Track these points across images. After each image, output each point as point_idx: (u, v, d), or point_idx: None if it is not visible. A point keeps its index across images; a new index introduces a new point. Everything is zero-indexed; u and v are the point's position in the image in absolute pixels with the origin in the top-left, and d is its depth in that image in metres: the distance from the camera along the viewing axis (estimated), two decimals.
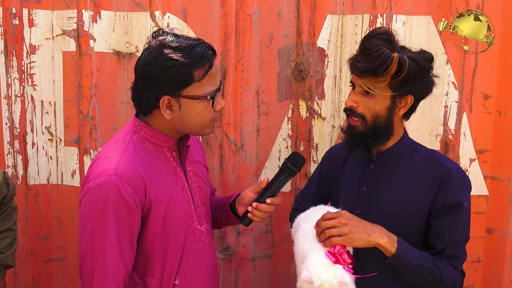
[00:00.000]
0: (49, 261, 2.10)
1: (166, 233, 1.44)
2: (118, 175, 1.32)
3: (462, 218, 1.51)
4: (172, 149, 1.48)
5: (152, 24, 1.97)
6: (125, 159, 1.36)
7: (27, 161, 2.05)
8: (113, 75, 2.00)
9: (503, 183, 2.00)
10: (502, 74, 1.95)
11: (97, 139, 2.03)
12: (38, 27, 1.97)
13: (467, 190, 1.54)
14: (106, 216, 1.32)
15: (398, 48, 1.44)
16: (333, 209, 1.53)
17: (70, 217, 2.08)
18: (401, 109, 1.49)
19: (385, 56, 1.39)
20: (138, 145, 1.42)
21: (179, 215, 1.45)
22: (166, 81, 1.35)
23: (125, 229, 1.35)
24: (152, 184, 1.39)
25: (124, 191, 1.32)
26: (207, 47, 1.39)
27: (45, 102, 2.02)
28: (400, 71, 1.40)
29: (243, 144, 2.05)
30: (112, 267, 1.34)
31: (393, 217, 1.50)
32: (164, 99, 1.37)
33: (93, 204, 1.33)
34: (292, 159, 1.53)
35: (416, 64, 1.41)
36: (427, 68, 1.46)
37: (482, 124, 1.99)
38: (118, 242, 1.34)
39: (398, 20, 1.94)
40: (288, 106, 2.02)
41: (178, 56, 1.34)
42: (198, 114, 1.40)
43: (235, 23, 1.97)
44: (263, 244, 2.11)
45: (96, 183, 1.33)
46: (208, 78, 1.38)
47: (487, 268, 2.07)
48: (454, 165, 1.55)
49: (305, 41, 1.97)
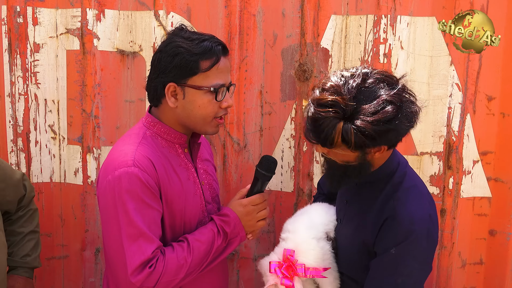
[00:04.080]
0: (51, 259, 2.11)
1: (178, 226, 1.46)
2: (136, 165, 1.36)
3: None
4: (183, 146, 1.51)
5: (156, 23, 1.96)
6: (140, 151, 1.40)
7: (30, 159, 2.05)
8: (117, 74, 2.00)
9: (506, 185, 2.00)
10: (506, 76, 1.94)
11: (100, 137, 2.03)
12: (42, 25, 1.97)
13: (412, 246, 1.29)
14: (132, 204, 1.34)
15: (349, 111, 1.24)
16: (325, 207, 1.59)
17: (73, 216, 2.08)
18: (376, 153, 1.33)
19: (327, 130, 1.25)
20: (151, 139, 1.45)
21: (192, 209, 1.48)
22: (172, 67, 1.39)
23: (153, 215, 1.37)
24: (165, 177, 1.42)
25: (144, 180, 1.35)
26: (217, 42, 1.42)
27: (48, 101, 2.02)
28: (347, 142, 1.25)
29: (246, 143, 2.05)
30: (146, 246, 1.34)
31: (351, 244, 1.46)
32: (169, 86, 1.41)
33: (116, 195, 1.35)
34: (264, 165, 1.52)
35: (363, 136, 1.23)
36: (384, 131, 1.25)
37: (486, 126, 1.98)
38: (148, 228, 1.35)
39: (402, 21, 1.94)
40: (292, 106, 2.02)
41: (186, 44, 1.38)
42: (201, 106, 1.42)
43: (239, 23, 1.96)
44: (265, 244, 2.11)
45: (116, 175, 1.35)
46: (215, 71, 1.40)
47: (490, 270, 2.07)
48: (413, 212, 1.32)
49: (309, 41, 1.97)
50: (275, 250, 1.55)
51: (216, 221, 1.47)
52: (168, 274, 1.35)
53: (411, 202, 1.35)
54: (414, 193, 1.39)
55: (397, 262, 1.30)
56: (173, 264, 1.36)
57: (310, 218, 1.58)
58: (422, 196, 1.40)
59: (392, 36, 1.94)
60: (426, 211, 1.35)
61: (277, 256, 1.51)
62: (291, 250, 1.48)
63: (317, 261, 1.46)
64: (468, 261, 2.07)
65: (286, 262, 1.47)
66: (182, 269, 1.37)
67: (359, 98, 1.27)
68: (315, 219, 1.57)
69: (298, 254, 1.47)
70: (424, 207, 1.36)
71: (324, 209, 1.63)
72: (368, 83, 1.29)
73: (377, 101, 1.25)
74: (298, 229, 1.54)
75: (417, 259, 1.31)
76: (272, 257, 1.53)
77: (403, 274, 1.31)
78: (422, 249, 1.31)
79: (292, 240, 1.52)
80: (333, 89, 1.28)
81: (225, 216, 1.47)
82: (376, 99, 1.26)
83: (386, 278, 1.32)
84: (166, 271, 1.35)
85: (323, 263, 1.47)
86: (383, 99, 1.26)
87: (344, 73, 1.33)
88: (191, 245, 1.40)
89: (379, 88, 1.28)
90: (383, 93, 1.27)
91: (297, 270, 1.44)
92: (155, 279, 1.34)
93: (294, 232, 1.54)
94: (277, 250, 1.54)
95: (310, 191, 2.06)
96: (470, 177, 2.02)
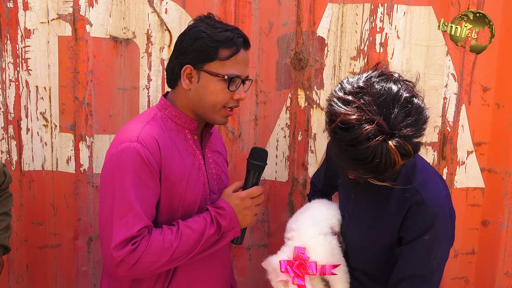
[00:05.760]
0: (43, 247, 2.09)
1: (176, 210, 1.45)
2: (139, 142, 1.38)
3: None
4: (193, 132, 1.52)
5: (150, 9, 1.93)
6: (147, 129, 1.42)
7: (22, 147, 2.02)
8: (110, 61, 1.97)
9: (500, 175, 2.01)
10: (502, 67, 1.94)
11: (93, 125, 2.00)
12: (33, 10, 1.93)
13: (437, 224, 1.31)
14: (129, 179, 1.35)
15: (386, 127, 1.18)
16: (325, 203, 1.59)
17: (65, 204, 2.06)
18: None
19: (386, 158, 1.18)
20: (160, 121, 1.48)
21: (193, 194, 1.48)
22: (192, 50, 1.42)
23: (147, 193, 1.38)
24: (168, 158, 1.43)
25: (145, 157, 1.37)
26: (240, 34, 1.45)
27: (40, 88, 1.99)
28: (407, 155, 1.21)
29: (241, 133, 2.03)
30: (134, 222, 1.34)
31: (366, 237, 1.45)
32: (186, 68, 1.44)
33: (115, 168, 1.37)
34: (254, 155, 1.51)
35: (415, 139, 1.22)
36: (422, 121, 1.24)
37: (481, 116, 1.99)
38: (140, 205, 1.36)
39: (399, 10, 1.92)
40: (287, 95, 2.00)
41: (209, 30, 1.42)
42: (213, 92, 1.44)
43: (234, 10, 1.94)
44: (259, 233, 2.11)
45: (119, 149, 1.38)
46: (232, 61, 1.43)
47: (481, 260, 2.08)
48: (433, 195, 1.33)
49: (305, 29, 1.95)
50: (283, 249, 1.52)
51: (212, 212, 1.45)
52: (151, 254, 1.35)
53: (430, 184, 1.35)
54: (429, 175, 1.38)
55: (431, 246, 1.31)
56: (157, 245, 1.36)
57: (313, 215, 1.57)
58: (436, 177, 1.41)
59: (388, 25, 1.93)
60: (444, 191, 1.36)
61: (286, 255, 1.49)
62: (302, 247, 1.47)
63: (327, 256, 1.46)
64: (460, 251, 2.09)
65: (297, 260, 1.46)
66: (166, 252, 1.37)
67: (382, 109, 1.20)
68: (317, 216, 1.55)
69: (308, 251, 1.46)
70: (441, 188, 1.37)
71: (324, 205, 1.62)
72: (378, 89, 1.23)
73: (399, 102, 1.21)
74: (302, 227, 1.52)
75: (446, 239, 1.34)
76: (280, 256, 1.50)
77: (437, 256, 1.33)
78: (449, 228, 1.34)
79: (299, 238, 1.50)
80: (358, 121, 1.19)
81: (221, 209, 1.45)
82: (396, 100, 1.21)
83: (422, 263, 1.32)
84: (148, 251, 1.35)
85: (333, 258, 1.46)
86: (404, 97, 1.22)
87: (347, 97, 1.23)
88: (180, 230, 1.40)
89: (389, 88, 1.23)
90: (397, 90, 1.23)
91: (308, 267, 1.43)
92: (136, 257, 1.34)
93: (299, 230, 1.52)
94: (285, 249, 1.52)
95: (304, 181, 2.06)
96: (464, 168, 2.02)
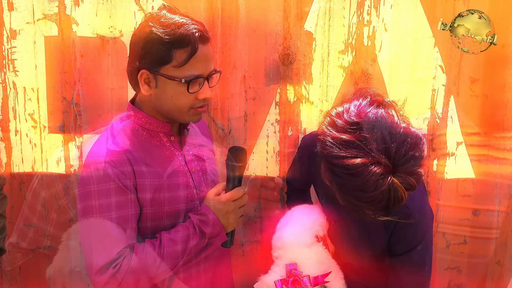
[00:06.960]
0: (36, 249, 2.08)
1: (162, 218, 1.42)
2: (107, 162, 1.32)
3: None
4: (169, 134, 1.45)
5: (136, 7, 1.92)
6: (114, 146, 1.36)
7: (11, 149, 2.01)
8: (97, 60, 1.96)
9: (489, 166, 2.02)
10: (489, 57, 1.95)
11: (82, 125, 1.99)
12: (18, 11, 1.92)
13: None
14: (102, 201, 1.32)
15: (387, 163, 1.15)
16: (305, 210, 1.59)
17: (56, 205, 2.05)
18: None
19: (394, 196, 1.16)
20: (130, 132, 1.41)
21: (176, 201, 1.43)
22: (144, 53, 1.32)
23: (124, 212, 1.34)
24: (141, 171, 1.37)
25: (115, 176, 1.32)
26: (196, 29, 1.31)
27: (27, 89, 1.98)
28: (413, 187, 1.19)
29: (231, 129, 2.03)
30: (112, 245, 1.32)
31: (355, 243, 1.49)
32: (142, 73, 1.34)
33: (86, 192, 1.33)
34: (232, 156, 1.42)
35: (418, 170, 1.19)
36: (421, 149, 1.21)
37: (469, 107, 1.99)
38: (117, 226, 1.32)
39: (386, 2, 1.92)
40: (276, 90, 2.00)
41: (159, 32, 1.29)
42: (174, 97, 1.35)
43: (221, 6, 1.93)
44: (251, 230, 2.11)
45: (88, 171, 1.34)
46: (190, 61, 1.31)
47: (473, 250, 2.10)
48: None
49: (292, 24, 1.94)
50: (273, 269, 1.51)
51: (194, 220, 1.40)
52: (134, 273, 1.32)
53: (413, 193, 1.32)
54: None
55: (424, 253, 1.41)
56: (139, 263, 1.32)
57: (294, 228, 1.55)
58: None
59: (376, 18, 1.93)
60: (422, 195, 1.40)
61: (279, 275, 1.48)
62: (293, 263, 1.46)
63: (317, 266, 1.46)
64: (452, 241, 2.10)
65: (291, 277, 1.46)
66: (150, 268, 1.33)
67: (381, 144, 1.15)
68: (299, 228, 1.53)
69: (299, 266, 1.46)
70: (421, 190, 1.38)
71: (304, 212, 1.60)
72: (372, 122, 1.18)
73: (397, 135, 1.17)
74: (287, 244, 1.51)
75: (431, 239, 1.44)
76: (273, 276, 1.49)
77: (429, 260, 1.43)
78: (431, 229, 1.42)
79: (286, 256, 1.50)
80: (364, 165, 1.15)
81: (203, 215, 1.41)
82: (394, 133, 1.17)
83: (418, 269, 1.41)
84: (131, 270, 1.31)
85: (323, 266, 1.47)
86: (401, 128, 1.18)
87: (342, 136, 1.19)
88: (163, 244, 1.36)
89: (384, 120, 1.18)
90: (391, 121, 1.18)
91: (303, 282, 1.44)
92: (120, 278, 1.30)
93: (285, 248, 1.51)
94: (275, 269, 1.51)
95: None
96: (454, 159, 2.03)
